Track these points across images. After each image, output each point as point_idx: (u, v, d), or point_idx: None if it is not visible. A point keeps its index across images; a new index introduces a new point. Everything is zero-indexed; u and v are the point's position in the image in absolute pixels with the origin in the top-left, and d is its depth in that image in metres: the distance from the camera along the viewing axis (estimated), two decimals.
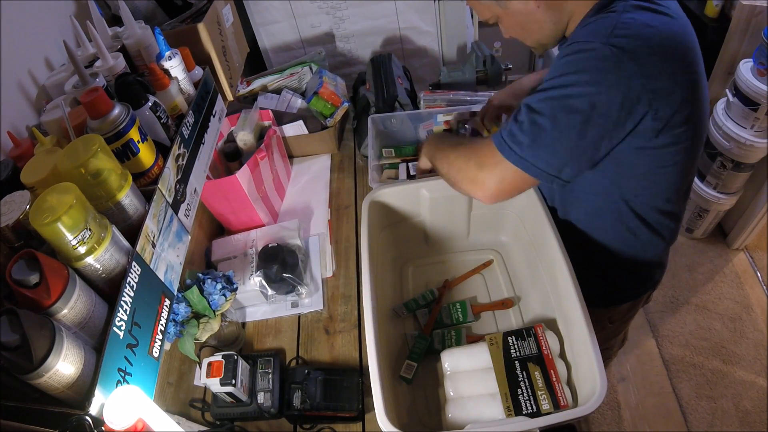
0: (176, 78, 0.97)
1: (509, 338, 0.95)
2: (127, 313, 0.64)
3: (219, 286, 1.10)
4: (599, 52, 0.71)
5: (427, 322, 1.11)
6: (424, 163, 1.08)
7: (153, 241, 0.74)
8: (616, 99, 0.72)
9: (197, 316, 1.08)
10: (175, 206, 0.84)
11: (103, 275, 0.65)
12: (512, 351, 0.93)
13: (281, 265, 1.18)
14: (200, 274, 1.11)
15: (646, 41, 0.72)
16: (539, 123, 0.75)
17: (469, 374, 0.94)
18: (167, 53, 0.96)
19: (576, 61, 0.73)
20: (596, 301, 0.89)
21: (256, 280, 1.19)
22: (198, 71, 1.04)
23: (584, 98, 0.72)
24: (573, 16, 0.83)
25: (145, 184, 0.80)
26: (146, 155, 0.79)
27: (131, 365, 0.64)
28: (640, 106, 0.73)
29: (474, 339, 1.06)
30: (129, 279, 0.66)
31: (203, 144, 0.99)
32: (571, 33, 0.84)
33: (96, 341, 0.63)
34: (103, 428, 0.56)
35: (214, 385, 0.95)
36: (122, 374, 0.62)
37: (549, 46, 0.90)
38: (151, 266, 0.72)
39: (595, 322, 0.83)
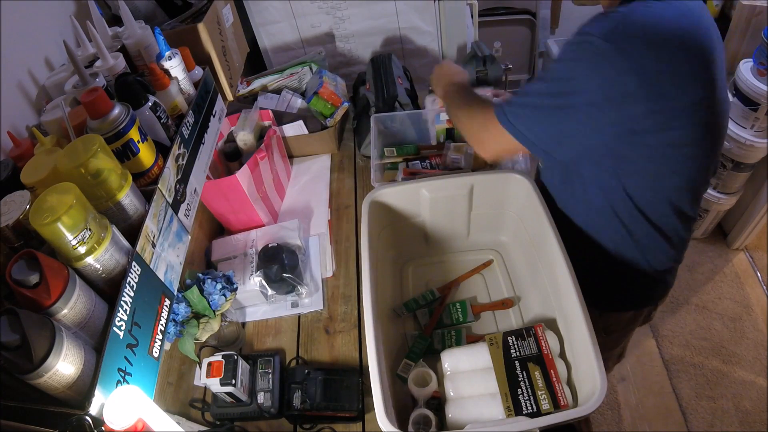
0: (176, 78, 0.97)
1: (509, 338, 0.95)
2: (127, 313, 0.64)
3: (219, 286, 1.10)
4: (598, 46, 0.74)
5: (429, 323, 1.11)
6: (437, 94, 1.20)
7: (153, 241, 0.74)
8: (607, 93, 0.75)
9: (197, 316, 1.08)
10: (175, 206, 0.84)
11: (103, 275, 0.65)
12: (512, 351, 0.93)
13: (281, 265, 1.18)
14: (200, 274, 1.11)
15: (649, 40, 0.74)
16: (534, 102, 0.83)
17: (469, 374, 0.94)
18: (167, 53, 0.96)
19: (576, 50, 0.77)
20: (591, 301, 0.89)
21: (256, 280, 1.19)
22: (198, 71, 1.04)
23: (575, 86, 0.77)
24: None
25: (145, 184, 0.80)
26: (146, 155, 0.79)
27: (131, 365, 0.64)
28: (634, 103, 0.75)
29: (474, 339, 1.06)
30: (129, 279, 0.66)
31: (203, 144, 0.99)
32: (607, 6, 0.86)
33: (96, 341, 0.62)
34: (103, 428, 0.56)
35: (214, 385, 0.95)
36: (122, 374, 0.62)
37: (586, 2, 0.92)
38: (151, 266, 0.72)
39: None
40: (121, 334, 0.63)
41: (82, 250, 0.61)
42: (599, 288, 0.95)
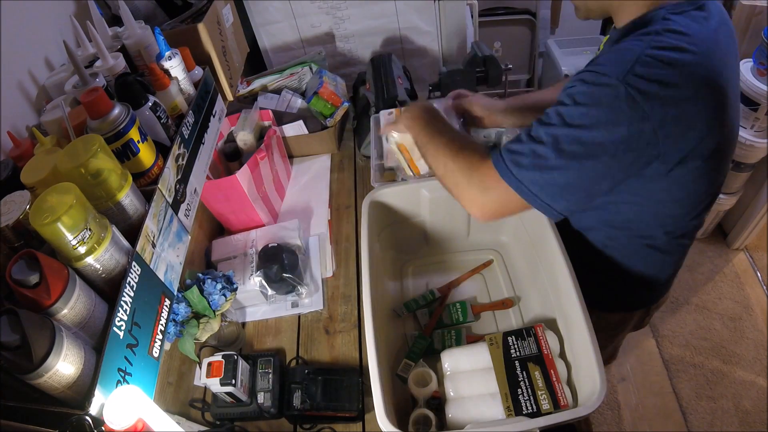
0: (176, 78, 0.97)
1: (509, 338, 0.95)
2: (127, 313, 0.64)
3: (219, 286, 1.10)
4: (615, 90, 0.67)
5: (429, 323, 1.11)
6: (401, 130, 1.01)
7: (153, 241, 0.74)
8: (625, 141, 0.69)
9: (197, 316, 1.08)
10: (175, 206, 0.84)
11: (103, 275, 0.65)
12: (512, 351, 0.93)
13: (281, 265, 1.18)
14: (200, 274, 1.11)
15: (666, 79, 0.68)
16: (541, 152, 0.72)
17: (469, 374, 0.94)
18: (167, 53, 0.96)
19: (590, 93, 0.70)
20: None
21: (256, 280, 1.19)
22: (198, 71, 1.04)
23: (590, 136, 0.70)
24: (621, 8, 0.79)
25: (145, 184, 0.80)
26: (146, 155, 0.79)
27: (131, 365, 0.64)
28: (649, 149, 0.71)
29: (474, 339, 1.06)
30: (129, 279, 0.66)
31: (203, 144, 0.99)
32: (617, 26, 0.81)
33: (96, 341, 0.63)
34: (103, 428, 0.56)
35: (214, 385, 0.95)
36: (122, 374, 0.62)
37: (592, 16, 0.85)
38: (151, 266, 0.72)
39: None
40: (121, 334, 0.63)
41: (82, 250, 0.61)
42: (587, 285, 0.94)
